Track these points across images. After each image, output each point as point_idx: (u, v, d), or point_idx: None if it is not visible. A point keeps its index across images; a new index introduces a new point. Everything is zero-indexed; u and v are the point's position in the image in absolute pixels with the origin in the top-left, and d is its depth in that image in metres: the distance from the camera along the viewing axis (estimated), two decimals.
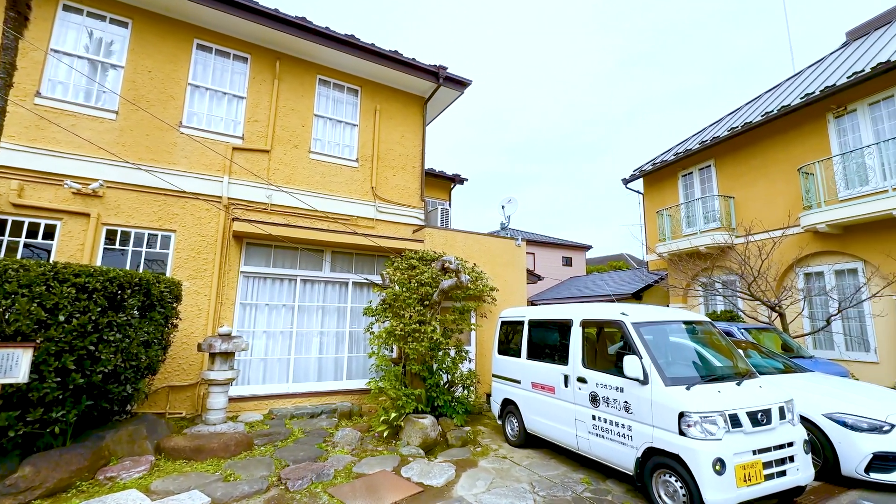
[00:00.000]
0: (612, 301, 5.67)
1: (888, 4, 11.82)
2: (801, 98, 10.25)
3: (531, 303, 20.61)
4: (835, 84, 9.52)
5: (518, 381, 5.94)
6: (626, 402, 4.21)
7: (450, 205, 13.49)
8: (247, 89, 7.71)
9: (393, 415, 6.03)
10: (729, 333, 7.80)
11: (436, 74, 8.87)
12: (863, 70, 9.11)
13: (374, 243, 7.75)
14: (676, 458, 3.69)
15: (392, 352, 7.59)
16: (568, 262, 26.20)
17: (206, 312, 6.76)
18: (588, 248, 27.24)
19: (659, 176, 14.56)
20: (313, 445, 5.56)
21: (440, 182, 13.64)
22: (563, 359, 5.17)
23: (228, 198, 7.19)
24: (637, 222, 15.66)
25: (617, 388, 4.31)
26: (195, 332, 6.64)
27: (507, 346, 6.41)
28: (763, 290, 9.58)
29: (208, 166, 7.16)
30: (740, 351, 5.19)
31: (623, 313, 4.54)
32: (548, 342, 5.67)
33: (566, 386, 5.01)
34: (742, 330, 7.95)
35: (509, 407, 6.11)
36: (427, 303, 6.90)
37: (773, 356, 6.52)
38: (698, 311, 12.56)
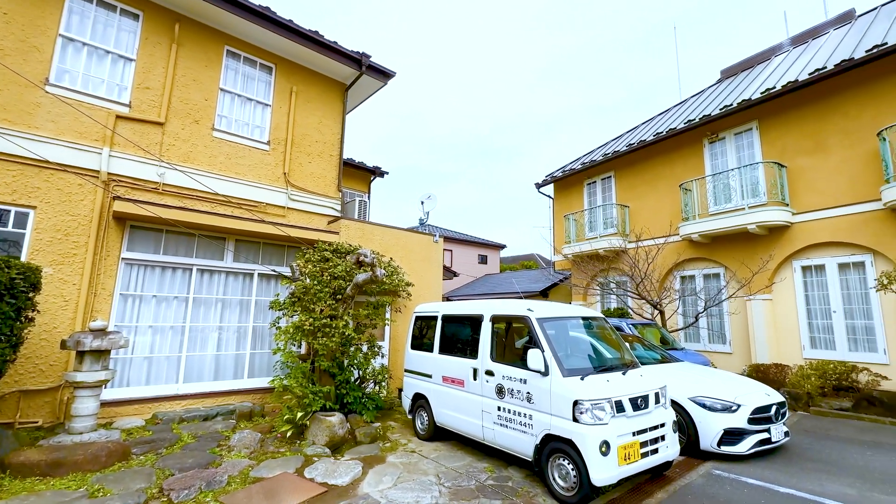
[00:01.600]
0: (520, 298, 5.99)
1: (756, 49, 13.96)
2: (684, 123, 11.72)
3: (447, 298, 21.01)
4: (710, 114, 11.03)
5: (430, 376, 6.00)
6: (528, 392, 4.46)
7: (368, 197, 13.20)
8: (137, 51, 6.76)
9: (298, 414, 5.74)
10: (619, 328, 8.66)
11: (358, 62, 8.59)
12: (731, 104, 10.67)
13: (285, 233, 7.29)
14: (570, 442, 4.00)
15: (300, 348, 7.22)
16: (483, 260, 27.16)
17: (74, 304, 5.82)
18: (503, 247, 28.49)
19: (567, 183, 15.70)
20: (205, 451, 5.08)
21: (359, 173, 13.28)
22: (473, 353, 5.32)
23: (108, 173, 6.25)
24: (547, 225, 16.75)
25: (521, 379, 4.55)
26: (59, 326, 5.68)
27: (421, 341, 6.45)
28: (648, 290, 10.80)
29: (83, 135, 6.15)
30: (627, 344, 5.79)
31: (529, 309, 4.80)
32: (460, 337, 5.81)
33: (475, 379, 5.17)
34: (630, 325, 8.88)
35: (420, 401, 6.15)
36: (340, 297, 6.67)
37: (654, 348, 7.39)
38: (595, 308, 13.81)
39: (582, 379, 4.17)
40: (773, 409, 5.36)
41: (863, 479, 4.54)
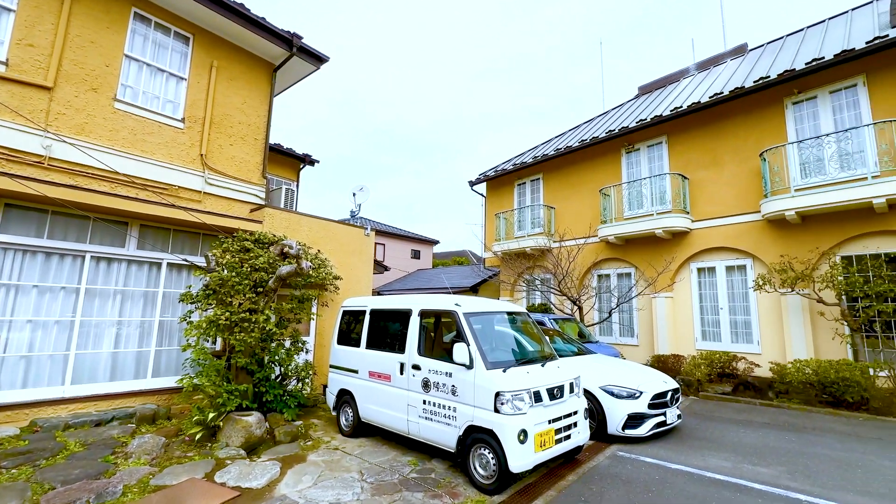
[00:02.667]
0: (450, 293, 6.08)
1: (669, 70, 15.39)
2: (605, 133, 12.60)
3: (377, 293, 20.75)
4: (627, 126, 11.97)
5: (356, 371, 5.89)
6: (453, 385, 4.55)
7: (297, 186, 12.59)
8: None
9: (210, 415, 5.34)
10: (541, 323, 9.14)
11: (289, 42, 8.12)
12: (645, 119, 11.68)
13: (200, 220, 6.72)
14: (491, 432, 4.15)
15: (215, 344, 6.72)
16: (416, 255, 27.18)
17: None
18: (436, 242, 28.72)
19: (499, 182, 16.20)
20: (96, 459, 4.55)
21: (288, 161, 12.61)
22: (400, 347, 5.31)
23: None
24: (479, 222, 17.16)
25: (447, 373, 4.63)
26: None
27: (348, 336, 6.30)
28: (569, 287, 11.51)
29: None
30: (547, 337, 6.12)
31: (457, 304, 4.89)
32: (388, 332, 5.76)
33: (402, 373, 5.17)
34: (552, 320, 9.40)
35: (345, 397, 6.02)
36: (261, 290, 6.30)
37: (571, 342, 7.89)
38: (521, 304, 14.44)
39: (504, 371, 4.34)
40: (669, 395, 5.99)
41: (736, 453, 5.23)
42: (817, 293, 8.23)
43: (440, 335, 5.73)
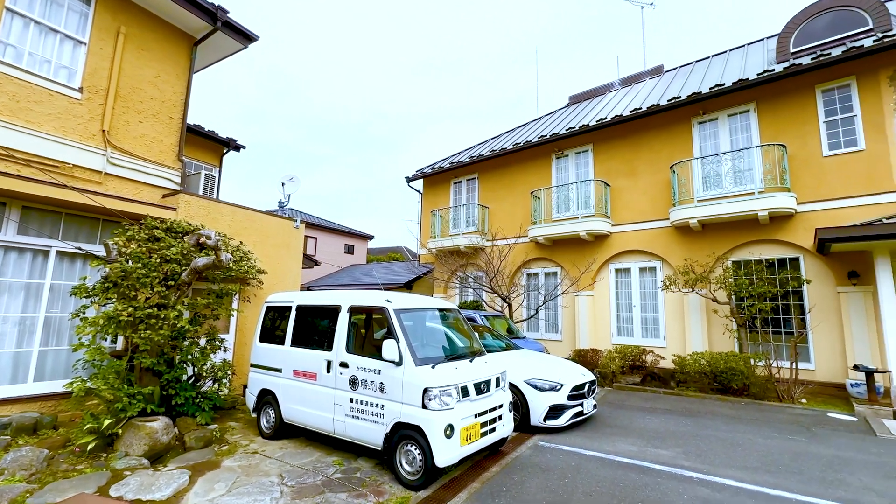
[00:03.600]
0: (381, 289, 5.99)
1: (597, 82, 16.43)
2: (538, 138, 13.16)
3: (307, 288, 19.94)
4: (558, 133, 12.60)
5: (279, 370, 5.59)
6: (382, 383, 4.49)
7: (219, 172, 11.68)
8: None
9: (106, 421, 4.78)
10: (473, 319, 9.34)
11: (213, 15, 7.48)
12: (574, 127, 12.36)
13: (99, 203, 5.97)
14: (418, 428, 4.15)
15: (115, 343, 6.04)
16: (350, 249, 26.51)
17: None
18: (371, 238, 28.22)
19: (436, 179, 16.28)
20: None
21: (210, 144, 11.65)
22: (328, 345, 5.13)
23: None
24: (415, 219, 17.12)
25: (375, 370, 4.56)
26: None
27: (272, 333, 5.97)
28: (500, 285, 11.88)
29: None
30: (476, 334, 6.26)
31: (387, 300, 4.83)
32: (315, 328, 5.54)
33: (328, 372, 5.00)
34: (482, 317, 9.64)
35: (267, 398, 5.70)
36: (173, 283, 5.76)
37: (501, 338, 8.15)
38: (454, 301, 14.66)
39: (433, 367, 4.36)
40: (587, 386, 6.41)
41: (642, 438, 5.74)
42: (712, 293, 9.27)
43: (370, 332, 5.64)
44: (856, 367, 7.52)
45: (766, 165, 9.26)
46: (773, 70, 9.30)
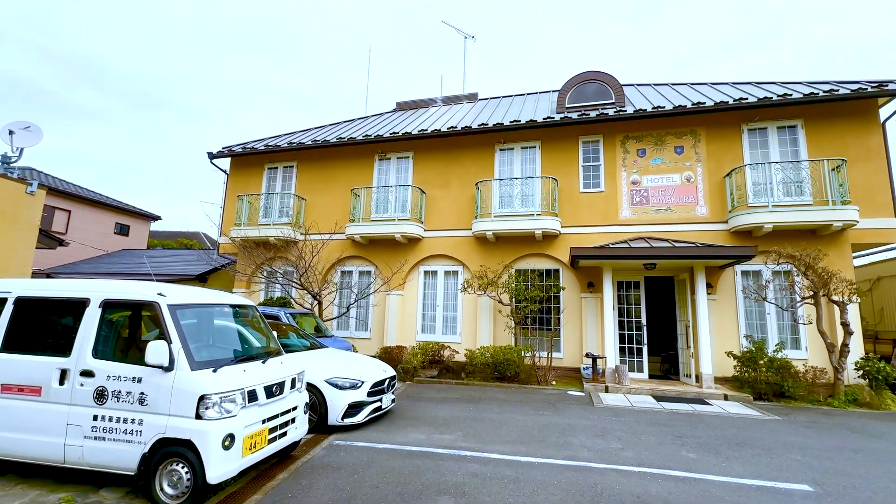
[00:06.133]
0: (153, 280, 4.96)
1: (427, 94, 17.41)
2: (363, 136, 13.17)
3: (47, 275, 15.33)
4: (382, 136, 12.88)
5: None
6: (143, 393, 3.71)
7: None
8: None
9: None
10: (276, 317, 8.67)
11: None
12: (398, 133, 12.83)
13: None
14: (188, 443, 3.58)
15: None
16: (124, 230, 21.45)
17: None
18: (156, 218, 23.41)
19: (248, 161, 14.60)
20: None
21: None
22: (65, 349, 3.98)
23: None
24: (219, 202, 14.94)
25: (135, 378, 3.74)
26: None
27: None
28: (311, 282, 11.37)
29: None
30: (275, 332, 5.81)
31: (160, 294, 4.04)
32: (47, 328, 4.24)
33: (62, 384, 3.87)
34: (288, 315, 9.04)
35: None
36: None
37: (306, 337, 7.77)
38: (259, 297, 13.35)
39: (214, 371, 3.84)
40: (387, 382, 6.66)
41: (431, 426, 6.28)
42: (499, 296, 10.87)
43: (138, 333, 4.61)
44: (587, 355, 9.91)
45: (544, 193, 11.42)
46: (553, 118, 11.56)
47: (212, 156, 14.42)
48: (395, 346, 11.38)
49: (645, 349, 10.27)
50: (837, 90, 9.86)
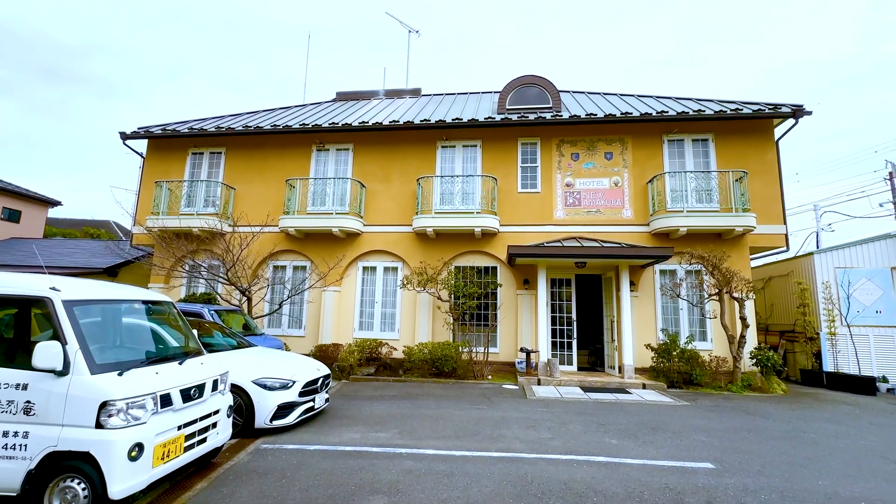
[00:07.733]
0: (44, 272, 4.34)
1: (369, 86, 16.96)
2: (300, 124, 12.57)
3: None
4: (320, 125, 12.38)
5: None
6: (29, 402, 3.24)
7: None
8: None
9: None
10: (199, 315, 8.03)
11: None
12: (337, 123, 12.40)
13: None
14: (87, 455, 3.18)
15: None
16: (14, 216, 18.76)
17: None
18: (55, 203, 20.71)
19: (169, 144, 13.35)
20: None
21: None
22: None
23: None
24: (134, 188, 13.52)
25: (18, 385, 3.26)
26: None
27: None
28: (240, 277, 10.67)
29: None
30: (197, 331, 5.37)
31: (53, 288, 3.55)
32: None
33: None
34: (212, 312, 8.41)
35: None
36: None
37: (233, 335, 7.27)
38: (180, 293, 12.29)
39: (120, 374, 3.44)
40: (321, 381, 6.41)
41: (366, 425, 6.14)
42: (438, 292, 10.91)
43: (21, 333, 4.01)
44: (521, 350, 10.24)
45: (484, 192, 11.62)
46: (494, 119, 11.79)
47: (124, 136, 12.99)
48: (331, 344, 11.02)
49: (575, 343, 10.84)
50: (741, 109, 11.05)
